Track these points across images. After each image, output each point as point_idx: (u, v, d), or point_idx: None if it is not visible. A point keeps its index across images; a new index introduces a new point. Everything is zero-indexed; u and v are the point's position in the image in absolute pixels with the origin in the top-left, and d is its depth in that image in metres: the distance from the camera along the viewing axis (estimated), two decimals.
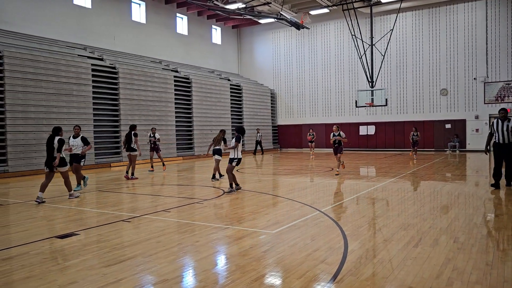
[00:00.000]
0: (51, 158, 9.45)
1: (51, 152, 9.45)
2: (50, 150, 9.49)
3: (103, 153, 20.32)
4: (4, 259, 5.26)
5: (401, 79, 28.69)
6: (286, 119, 33.65)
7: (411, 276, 4.37)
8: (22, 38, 18.91)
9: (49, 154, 9.50)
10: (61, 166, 9.60)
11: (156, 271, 4.70)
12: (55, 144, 9.45)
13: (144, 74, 22.33)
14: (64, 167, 9.64)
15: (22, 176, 15.92)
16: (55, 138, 9.50)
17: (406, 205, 8.64)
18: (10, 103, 16.20)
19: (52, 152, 9.44)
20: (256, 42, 34.67)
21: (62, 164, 9.61)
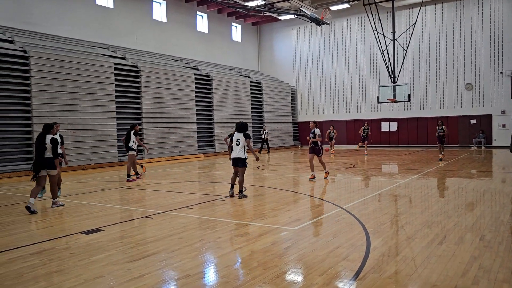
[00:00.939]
0: (41, 160, 8.24)
1: (41, 153, 8.24)
2: (40, 150, 8.26)
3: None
4: (32, 254, 5.42)
5: (424, 74, 28.16)
6: (307, 115, 33.48)
7: (436, 274, 4.30)
8: (47, 38, 19.37)
9: (39, 155, 8.26)
10: (52, 168, 8.44)
11: (179, 267, 4.76)
12: (47, 144, 8.32)
13: (166, 73, 22.57)
14: (55, 169, 8.49)
15: None
16: (47, 138, 8.37)
17: (430, 202, 8.50)
18: (36, 102, 16.63)
19: (42, 153, 8.23)
20: (276, 38, 34.58)
21: (53, 166, 8.45)
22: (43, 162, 8.23)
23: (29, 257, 5.27)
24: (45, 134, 8.35)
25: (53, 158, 8.35)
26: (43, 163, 8.23)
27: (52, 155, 8.34)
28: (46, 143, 8.25)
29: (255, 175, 13.95)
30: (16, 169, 15.76)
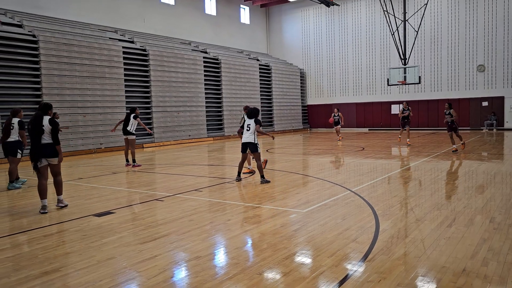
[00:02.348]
0: (39, 146, 6.80)
1: (38, 138, 6.78)
2: (36, 134, 6.77)
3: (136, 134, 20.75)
4: (46, 236, 5.53)
5: (436, 56, 27.71)
6: (316, 98, 33.28)
7: (445, 256, 4.31)
8: (56, 22, 19.37)
9: (35, 140, 6.80)
10: (54, 155, 6.94)
11: (189, 248, 4.83)
12: (45, 126, 6.81)
13: (174, 56, 22.50)
14: (57, 157, 6.97)
15: None
16: (44, 119, 6.88)
17: (439, 185, 8.47)
18: (46, 86, 16.73)
19: (38, 137, 6.78)
20: (285, 21, 34.18)
21: (55, 153, 6.94)
22: (41, 148, 6.80)
23: (42, 239, 5.38)
24: (42, 115, 6.91)
25: (53, 143, 6.87)
26: (41, 149, 6.80)
27: (52, 140, 6.87)
28: (43, 125, 6.81)
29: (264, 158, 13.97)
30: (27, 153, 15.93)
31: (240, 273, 4.02)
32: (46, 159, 6.89)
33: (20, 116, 9.49)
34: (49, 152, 6.86)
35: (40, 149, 6.80)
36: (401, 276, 3.85)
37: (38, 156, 6.83)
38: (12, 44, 16.02)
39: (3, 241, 5.36)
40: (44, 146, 6.83)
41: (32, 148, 6.83)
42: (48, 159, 6.89)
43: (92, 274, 4.11)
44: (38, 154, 6.82)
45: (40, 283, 3.92)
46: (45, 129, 6.81)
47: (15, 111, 9.47)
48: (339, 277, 3.86)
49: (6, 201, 8.22)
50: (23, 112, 9.84)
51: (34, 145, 6.79)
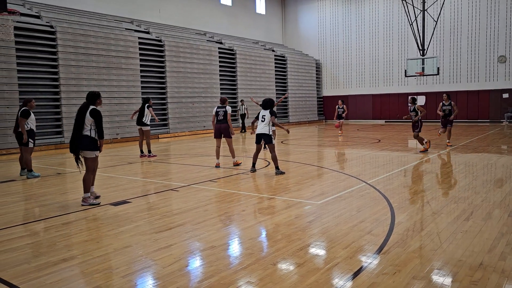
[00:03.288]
0: (76, 139, 6.49)
1: (77, 129, 6.47)
2: (76, 125, 6.49)
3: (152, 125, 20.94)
4: (64, 224, 5.63)
5: (455, 46, 27.15)
6: (332, 90, 33.01)
7: (461, 250, 4.25)
8: (73, 13, 19.55)
9: (74, 131, 6.51)
10: (89, 148, 6.53)
11: (204, 238, 4.87)
12: (86, 118, 6.48)
13: (190, 47, 22.53)
14: (91, 151, 6.56)
15: None
16: (89, 109, 6.53)
17: (457, 178, 8.34)
18: (64, 77, 16.94)
19: (79, 128, 6.46)
20: (301, 11, 33.86)
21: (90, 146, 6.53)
22: (78, 140, 6.47)
23: (61, 227, 5.48)
24: (88, 105, 6.55)
25: (90, 136, 6.48)
26: (77, 141, 6.48)
27: (89, 132, 6.48)
28: (86, 117, 6.46)
29: (279, 150, 13.95)
30: (46, 143, 16.25)
31: (254, 263, 4.04)
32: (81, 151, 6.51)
33: (30, 106, 9.53)
34: (85, 144, 6.47)
35: (77, 140, 6.46)
36: (416, 269, 3.82)
37: (77, 148, 6.50)
38: (30, 35, 16.24)
39: (23, 228, 5.49)
40: (81, 137, 6.46)
41: (71, 140, 6.54)
42: (82, 151, 6.51)
43: (109, 262, 4.18)
44: (76, 146, 6.49)
45: (59, 269, 4.01)
46: (86, 121, 6.45)
47: (25, 101, 9.58)
48: (353, 269, 3.85)
49: (22, 189, 8.39)
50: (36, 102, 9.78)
51: (73, 137, 6.49)
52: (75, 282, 3.74)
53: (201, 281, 3.69)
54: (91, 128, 6.51)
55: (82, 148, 6.48)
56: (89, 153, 6.54)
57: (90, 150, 6.52)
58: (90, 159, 6.58)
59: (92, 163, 6.63)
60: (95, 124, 6.52)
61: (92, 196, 6.81)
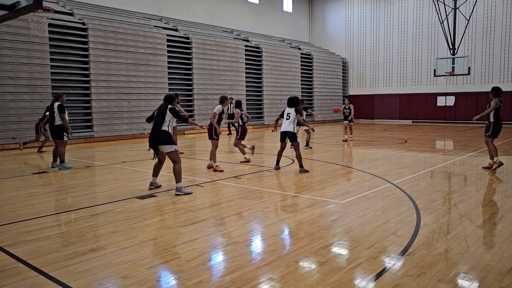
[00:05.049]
0: (155, 135, 6.92)
1: (158, 125, 6.94)
2: (157, 121, 6.98)
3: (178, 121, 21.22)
4: (93, 215, 5.79)
5: (488, 45, 26.35)
6: (358, 89, 32.62)
7: (490, 254, 4.16)
8: (104, 11, 20.00)
9: (154, 126, 6.97)
10: (168, 143, 6.95)
11: (227, 234, 4.92)
12: (167, 115, 6.99)
13: (216, 44, 22.68)
14: (171, 145, 6.97)
15: (106, 141, 17.16)
16: (168, 108, 7.05)
17: (486, 181, 8.13)
18: (94, 73, 17.36)
19: (159, 124, 6.93)
20: (329, 9, 33.57)
21: (169, 141, 6.97)
22: (156, 135, 6.90)
23: (89, 218, 5.64)
24: (167, 105, 7.07)
25: (167, 131, 6.95)
26: (155, 137, 6.90)
27: (167, 128, 6.98)
28: (166, 114, 6.98)
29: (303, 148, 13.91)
30: (77, 137, 16.70)
31: (276, 260, 4.06)
32: (160, 146, 6.95)
33: (62, 100, 10.00)
34: (163, 139, 6.89)
35: (156, 135, 6.89)
36: (442, 272, 3.75)
37: (155, 143, 6.92)
38: (63, 32, 16.71)
39: (53, 218, 5.68)
40: (159, 133, 6.90)
41: (151, 135, 6.97)
42: (160, 146, 6.94)
43: (134, 254, 4.28)
44: (155, 141, 6.91)
45: (87, 259, 4.13)
46: (166, 118, 6.95)
47: (57, 96, 10.05)
48: (377, 269, 3.82)
49: (53, 181, 8.66)
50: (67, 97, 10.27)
51: (153, 133, 6.92)
52: (102, 272, 3.85)
53: (224, 275, 3.74)
54: (169, 124, 7.01)
55: (162, 143, 6.92)
56: (166, 147, 6.95)
57: (169, 144, 6.94)
58: (172, 152, 6.99)
59: (175, 155, 7.01)
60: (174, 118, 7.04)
61: (154, 185, 7.42)
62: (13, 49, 15.02)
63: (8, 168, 10.47)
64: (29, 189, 7.68)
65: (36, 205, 6.40)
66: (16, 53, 15.09)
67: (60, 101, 9.96)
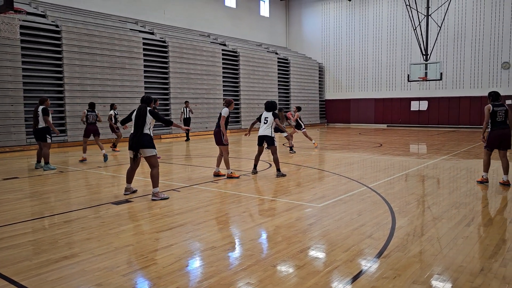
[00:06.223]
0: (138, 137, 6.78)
1: (141, 128, 6.82)
2: (140, 125, 6.83)
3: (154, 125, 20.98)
4: (66, 222, 5.65)
5: (459, 52, 27.15)
6: (334, 93, 33.03)
7: (462, 255, 4.26)
8: (79, 13, 19.64)
9: (138, 130, 6.82)
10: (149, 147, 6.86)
11: (205, 239, 4.88)
12: (148, 118, 6.91)
13: (193, 48, 22.59)
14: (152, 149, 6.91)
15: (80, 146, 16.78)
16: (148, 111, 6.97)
17: (458, 184, 8.34)
18: (68, 76, 17.01)
19: (142, 128, 6.82)
20: (305, 14, 33.92)
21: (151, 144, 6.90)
22: (140, 137, 6.78)
23: (63, 225, 5.50)
24: (146, 107, 6.97)
25: (149, 134, 6.90)
26: (139, 139, 6.78)
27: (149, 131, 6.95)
28: (147, 117, 6.89)
29: (280, 152, 13.96)
30: None
31: (254, 264, 4.05)
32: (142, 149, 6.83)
33: (46, 104, 10.44)
34: (145, 143, 6.80)
35: (139, 138, 6.77)
36: (416, 273, 3.82)
37: (137, 146, 6.79)
38: (36, 34, 16.32)
39: (25, 225, 5.51)
40: (143, 135, 6.80)
41: (133, 138, 6.81)
42: (143, 149, 6.82)
43: (109, 260, 4.19)
44: (137, 144, 6.78)
45: (60, 267, 4.03)
46: (147, 121, 6.87)
47: (42, 99, 10.46)
48: (353, 272, 3.86)
49: (25, 187, 8.42)
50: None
51: (136, 136, 6.79)
52: (76, 279, 3.76)
53: (201, 281, 3.71)
54: (150, 127, 6.95)
55: (145, 147, 6.82)
56: (148, 150, 6.85)
57: (151, 148, 6.88)
58: (153, 157, 6.91)
59: (155, 160, 6.94)
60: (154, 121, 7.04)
61: (130, 190, 7.29)
62: None
63: None
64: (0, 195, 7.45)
65: (7, 212, 6.20)
66: None
67: (45, 105, 10.36)
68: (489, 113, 7.89)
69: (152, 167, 6.95)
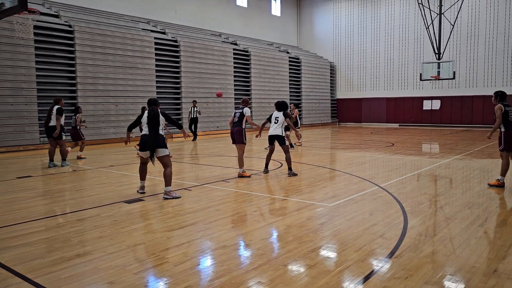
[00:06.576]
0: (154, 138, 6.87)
1: (157, 129, 6.93)
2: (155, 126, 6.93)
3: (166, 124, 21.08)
4: (79, 220, 5.72)
5: (472, 50, 26.80)
6: (346, 92, 32.87)
7: (475, 256, 4.21)
8: (91, 13, 19.83)
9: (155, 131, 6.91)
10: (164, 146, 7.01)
11: (216, 238, 4.90)
12: (161, 119, 7.05)
13: (205, 47, 22.66)
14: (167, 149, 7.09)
15: (92, 145, 16.98)
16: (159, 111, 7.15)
17: (471, 183, 8.24)
18: (81, 75, 17.19)
19: (157, 128, 6.93)
20: (317, 13, 33.80)
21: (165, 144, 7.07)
22: (156, 138, 6.88)
23: (76, 223, 5.57)
24: (157, 109, 7.12)
25: (163, 136, 7.06)
26: (155, 140, 6.88)
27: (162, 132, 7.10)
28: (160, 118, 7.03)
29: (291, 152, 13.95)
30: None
31: (265, 263, 4.05)
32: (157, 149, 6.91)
33: (61, 104, 10.78)
34: (160, 143, 6.90)
35: (154, 138, 6.85)
36: (428, 274, 3.79)
37: (153, 146, 6.85)
38: (49, 34, 16.52)
39: (38, 223, 5.59)
40: (158, 136, 6.92)
41: (149, 139, 6.86)
42: (157, 149, 6.91)
43: (121, 259, 4.23)
44: (153, 144, 6.84)
45: (73, 265, 4.07)
46: (161, 122, 7.01)
47: (57, 99, 10.79)
48: (365, 272, 3.84)
49: (38, 185, 8.54)
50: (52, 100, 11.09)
51: (151, 136, 6.86)
52: (89, 277, 3.80)
53: (212, 280, 3.72)
54: (162, 128, 7.09)
55: (160, 146, 6.92)
56: (162, 150, 6.96)
57: (166, 148, 7.04)
58: (166, 156, 7.03)
59: (168, 159, 7.06)
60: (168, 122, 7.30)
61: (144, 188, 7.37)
62: None
63: None
64: (13, 193, 7.56)
65: (21, 210, 6.29)
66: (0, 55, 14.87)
67: (60, 104, 10.69)
68: (502, 113, 7.67)
69: (165, 167, 7.02)
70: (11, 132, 15.04)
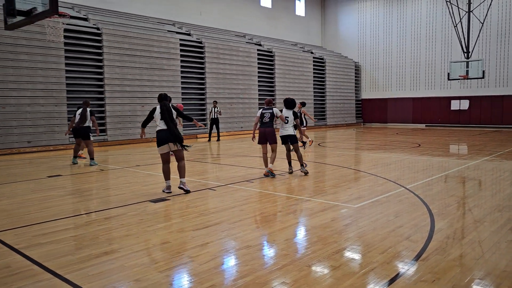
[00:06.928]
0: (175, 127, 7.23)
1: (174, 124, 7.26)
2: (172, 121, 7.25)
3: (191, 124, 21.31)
4: (106, 218, 5.85)
5: (502, 49, 26.00)
6: (371, 92, 32.44)
7: (505, 260, 4.09)
8: (119, 16, 20.25)
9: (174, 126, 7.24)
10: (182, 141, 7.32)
11: (240, 237, 4.92)
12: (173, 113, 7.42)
13: (229, 48, 22.79)
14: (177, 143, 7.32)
15: (119, 145, 17.34)
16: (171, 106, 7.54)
17: (502, 186, 8.00)
18: (108, 77, 17.58)
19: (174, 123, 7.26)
20: (341, 13, 33.49)
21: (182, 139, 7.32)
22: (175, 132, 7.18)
23: (103, 221, 5.70)
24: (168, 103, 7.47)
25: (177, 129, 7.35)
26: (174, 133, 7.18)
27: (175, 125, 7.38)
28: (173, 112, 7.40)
29: (316, 152, 13.87)
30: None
31: (289, 264, 4.05)
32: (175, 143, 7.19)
33: (88, 105, 11.55)
34: (179, 136, 7.24)
35: (174, 131, 7.15)
36: (456, 278, 3.71)
37: (175, 139, 7.16)
38: (78, 37, 16.96)
39: (67, 221, 5.75)
40: (176, 129, 7.24)
41: (169, 132, 7.14)
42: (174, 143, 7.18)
43: (147, 257, 4.31)
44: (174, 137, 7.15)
45: (100, 262, 4.17)
46: (174, 116, 7.37)
47: (87, 101, 11.52)
48: (390, 275, 3.79)
49: (67, 184, 8.77)
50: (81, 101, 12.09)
51: (170, 129, 7.15)
52: (116, 275, 3.88)
53: (236, 279, 3.74)
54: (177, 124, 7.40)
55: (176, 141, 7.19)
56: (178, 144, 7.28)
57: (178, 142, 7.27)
58: (182, 150, 7.38)
59: (182, 153, 7.45)
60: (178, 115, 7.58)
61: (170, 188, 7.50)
62: (29, 54, 15.30)
63: (24, 171, 10.65)
64: (44, 192, 7.80)
65: (51, 208, 6.48)
66: (32, 58, 15.37)
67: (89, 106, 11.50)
68: None
69: (180, 160, 7.40)
70: (42, 133, 15.51)
